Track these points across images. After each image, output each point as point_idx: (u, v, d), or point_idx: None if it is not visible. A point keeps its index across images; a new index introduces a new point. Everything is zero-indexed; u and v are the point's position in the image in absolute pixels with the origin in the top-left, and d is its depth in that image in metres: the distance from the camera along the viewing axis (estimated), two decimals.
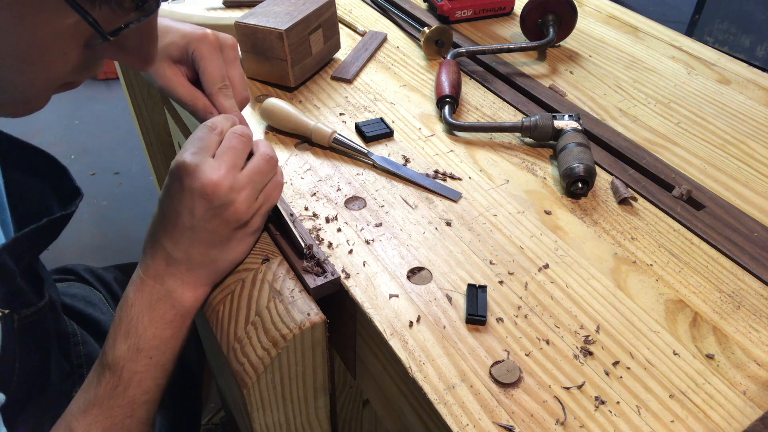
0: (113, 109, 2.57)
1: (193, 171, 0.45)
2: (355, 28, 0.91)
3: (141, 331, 0.47)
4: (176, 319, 0.48)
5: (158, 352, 0.48)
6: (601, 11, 1.02)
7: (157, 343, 0.48)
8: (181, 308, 0.48)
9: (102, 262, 1.95)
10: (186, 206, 0.46)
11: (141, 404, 0.49)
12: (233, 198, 0.46)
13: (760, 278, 0.53)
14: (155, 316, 0.48)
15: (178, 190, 0.46)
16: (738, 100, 0.79)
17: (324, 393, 0.58)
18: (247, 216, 0.48)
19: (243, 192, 0.47)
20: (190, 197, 0.46)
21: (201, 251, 0.47)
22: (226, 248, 0.48)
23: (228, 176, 0.46)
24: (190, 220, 0.46)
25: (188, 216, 0.46)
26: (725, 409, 0.43)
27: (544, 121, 0.66)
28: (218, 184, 0.45)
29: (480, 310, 0.47)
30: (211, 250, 0.48)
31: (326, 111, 0.72)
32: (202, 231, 0.47)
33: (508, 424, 0.41)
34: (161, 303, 0.48)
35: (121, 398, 0.47)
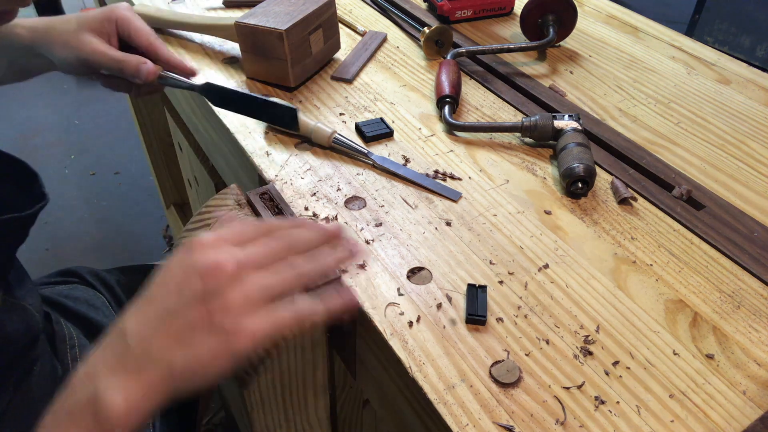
0: (113, 109, 2.58)
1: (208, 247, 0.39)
2: (355, 28, 0.91)
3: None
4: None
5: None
6: (601, 11, 1.02)
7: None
8: (105, 420, 0.36)
9: (102, 262, 1.95)
10: (180, 279, 0.38)
11: None
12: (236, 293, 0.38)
13: (760, 278, 0.53)
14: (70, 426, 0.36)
15: (179, 262, 0.39)
16: (738, 100, 0.79)
17: (324, 393, 0.58)
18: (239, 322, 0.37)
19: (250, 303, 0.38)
20: (189, 270, 0.38)
21: (163, 345, 0.37)
22: (192, 351, 0.37)
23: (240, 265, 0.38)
24: (176, 299, 0.38)
25: (176, 294, 0.38)
26: (725, 409, 0.43)
27: (544, 121, 0.66)
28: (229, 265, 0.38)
29: (480, 310, 0.47)
30: (176, 348, 0.37)
31: (326, 111, 0.72)
32: (178, 319, 0.37)
33: (508, 424, 0.41)
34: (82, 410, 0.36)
35: None
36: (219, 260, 0.38)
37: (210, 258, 0.38)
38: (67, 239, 1.96)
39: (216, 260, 0.38)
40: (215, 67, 0.78)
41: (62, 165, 2.26)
